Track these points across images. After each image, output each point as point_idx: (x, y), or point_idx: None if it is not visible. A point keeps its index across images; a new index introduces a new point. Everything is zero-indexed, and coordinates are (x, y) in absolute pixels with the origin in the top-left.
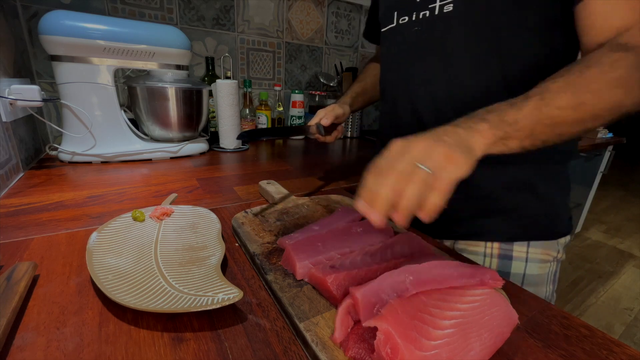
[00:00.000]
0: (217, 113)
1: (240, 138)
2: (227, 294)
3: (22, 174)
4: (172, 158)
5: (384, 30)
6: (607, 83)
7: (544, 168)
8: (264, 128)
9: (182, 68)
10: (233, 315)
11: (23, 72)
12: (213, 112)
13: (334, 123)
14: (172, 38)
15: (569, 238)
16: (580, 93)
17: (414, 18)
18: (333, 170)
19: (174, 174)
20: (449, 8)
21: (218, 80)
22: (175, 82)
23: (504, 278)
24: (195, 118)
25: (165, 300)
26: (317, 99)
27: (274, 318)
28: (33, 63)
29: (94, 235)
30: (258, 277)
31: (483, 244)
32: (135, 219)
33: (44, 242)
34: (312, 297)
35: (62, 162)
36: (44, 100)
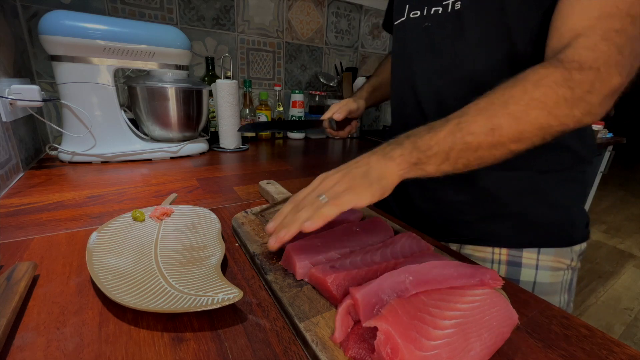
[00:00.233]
0: (217, 113)
1: (244, 130)
2: (227, 294)
3: (22, 174)
4: (172, 158)
5: (396, 24)
6: (526, 104)
7: (557, 174)
8: (274, 120)
9: (182, 68)
10: (233, 315)
11: (23, 72)
12: (213, 112)
13: (348, 118)
14: (172, 38)
15: (585, 246)
16: (496, 117)
17: (425, 13)
18: None
19: (174, 174)
20: (458, 6)
21: (218, 80)
22: (175, 82)
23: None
24: (195, 118)
25: (165, 300)
26: (317, 99)
27: (274, 318)
28: (33, 63)
29: (94, 235)
30: (258, 277)
31: (490, 250)
32: (135, 219)
33: (44, 242)
34: (312, 297)
35: (62, 162)
36: (44, 100)
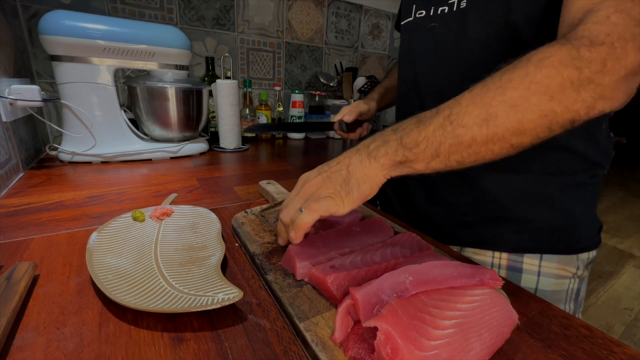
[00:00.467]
0: (217, 113)
1: (253, 131)
2: (227, 294)
3: (22, 174)
4: (172, 158)
5: (403, 24)
6: (526, 88)
7: (563, 177)
8: (284, 123)
9: (182, 68)
10: (233, 315)
11: (23, 72)
12: (213, 112)
13: (359, 120)
14: (172, 38)
15: (594, 254)
16: (491, 105)
17: (432, 13)
18: None
19: (174, 174)
20: (463, 4)
21: (218, 80)
22: (175, 82)
23: None
24: (195, 118)
25: (165, 300)
26: (317, 99)
27: (274, 318)
28: (33, 63)
29: (94, 235)
30: (258, 277)
31: (491, 254)
32: (135, 219)
33: (44, 242)
34: (312, 297)
35: (62, 162)
36: (44, 100)
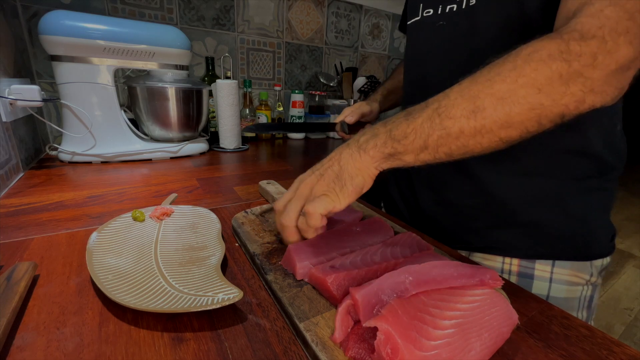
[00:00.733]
0: (217, 113)
1: (250, 130)
2: (227, 294)
3: (22, 174)
4: (172, 158)
5: (409, 24)
6: (513, 81)
7: (577, 182)
8: (285, 122)
9: (182, 68)
10: (233, 315)
11: (23, 72)
12: (213, 112)
13: (361, 121)
14: (172, 38)
15: (608, 261)
16: (479, 97)
17: (440, 11)
18: None
19: (174, 174)
20: (473, 1)
21: (218, 80)
22: (175, 82)
23: None
24: (195, 118)
25: (165, 300)
26: (317, 99)
27: (274, 318)
28: (33, 63)
29: (94, 235)
30: (258, 277)
31: (501, 259)
32: (135, 219)
33: (44, 242)
34: (312, 297)
35: (62, 162)
36: (44, 100)
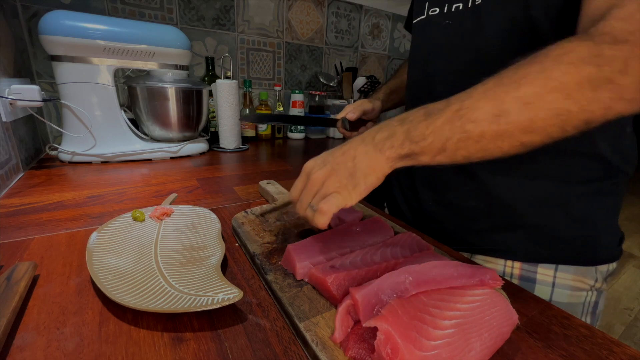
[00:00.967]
0: (217, 113)
1: (249, 120)
2: (227, 294)
3: (22, 174)
4: (172, 158)
5: (415, 22)
6: (542, 85)
7: (583, 185)
8: (287, 115)
9: (182, 68)
10: (233, 315)
11: (23, 72)
12: (213, 112)
13: (363, 119)
14: (172, 38)
15: (614, 266)
16: (504, 101)
17: (446, 10)
18: None
19: (174, 174)
20: (479, 0)
21: (218, 80)
22: (175, 82)
23: None
24: (195, 118)
25: (165, 300)
26: (317, 99)
27: (274, 318)
28: (33, 63)
29: (94, 235)
30: (258, 277)
31: (502, 262)
32: (135, 219)
33: (44, 242)
34: (312, 297)
35: (62, 162)
36: (44, 100)
